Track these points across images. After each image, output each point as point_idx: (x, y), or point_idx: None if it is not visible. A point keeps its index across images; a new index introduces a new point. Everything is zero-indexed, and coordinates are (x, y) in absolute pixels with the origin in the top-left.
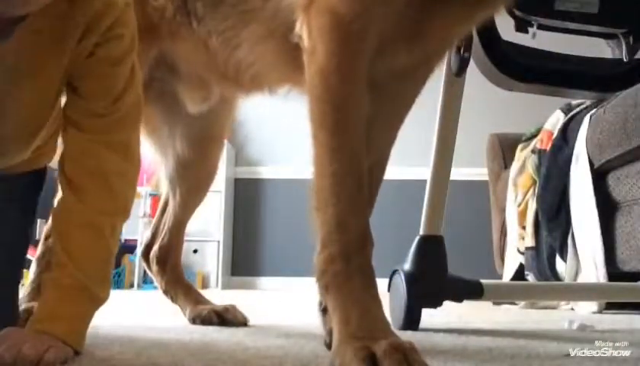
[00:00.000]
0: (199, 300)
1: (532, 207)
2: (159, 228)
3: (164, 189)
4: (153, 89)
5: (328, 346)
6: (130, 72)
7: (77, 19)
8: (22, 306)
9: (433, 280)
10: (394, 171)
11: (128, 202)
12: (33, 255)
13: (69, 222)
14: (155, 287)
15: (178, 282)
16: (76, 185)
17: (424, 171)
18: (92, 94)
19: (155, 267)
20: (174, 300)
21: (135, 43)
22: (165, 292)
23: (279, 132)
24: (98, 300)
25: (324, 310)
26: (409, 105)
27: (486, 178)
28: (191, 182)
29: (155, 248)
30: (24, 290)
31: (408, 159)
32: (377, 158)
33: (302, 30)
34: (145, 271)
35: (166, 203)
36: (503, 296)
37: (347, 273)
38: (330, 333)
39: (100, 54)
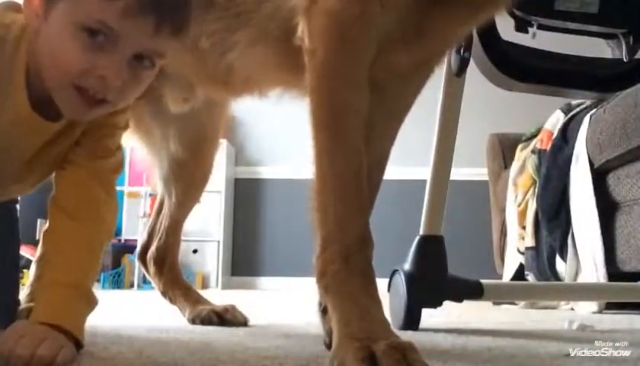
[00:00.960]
0: (198, 300)
1: (532, 207)
2: (155, 229)
3: (160, 190)
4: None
5: (328, 346)
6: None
7: None
8: (22, 306)
9: (433, 280)
10: (394, 171)
11: (113, 227)
12: (33, 255)
13: (64, 234)
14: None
15: (176, 283)
16: (69, 211)
17: (424, 171)
18: (94, 149)
19: (152, 268)
20: (172, 301)
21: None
22: (164, 293)
23: (279, 132)
24: (93, 304)
25: (323, 310)
26: (409, 105)
27: (486, 178)
28: (186, 182)
29: (152, 249)
30: (24, 291)
31: (408, 159)
32: (377, 159)
33: (303, 32)
34: None
35: (162, 204)
36: (503, 296)
37: (347, 274)
38: (329, 333)
39: (110, 122)
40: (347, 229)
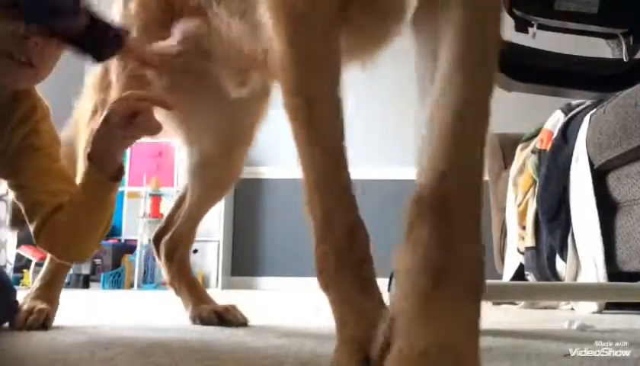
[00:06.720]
0: (201, 298)
1: (532, 206)
2: (173, 219)
3: (185, 182)
4: (189, 77)
5: None
6: None
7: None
8: (23, 306)
9: None
10: (394, 171)
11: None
12: (33, 255)
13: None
14: (155, 287)
15: (183, 276)
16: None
17: None
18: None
19: (163, 257)
20: (177, 292)
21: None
22: (170, 283)
23: (279, 132)
24: None
25: None
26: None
27: (486, 178)
28: (211, 182)
29: (166, 238)
30: (23, 291)
31: (408, 159)
32: None
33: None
34: (145, 271)
35: (183, 198)
36: (503, 296)
37: (340, 272)
38: None
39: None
40: (333, 223)
